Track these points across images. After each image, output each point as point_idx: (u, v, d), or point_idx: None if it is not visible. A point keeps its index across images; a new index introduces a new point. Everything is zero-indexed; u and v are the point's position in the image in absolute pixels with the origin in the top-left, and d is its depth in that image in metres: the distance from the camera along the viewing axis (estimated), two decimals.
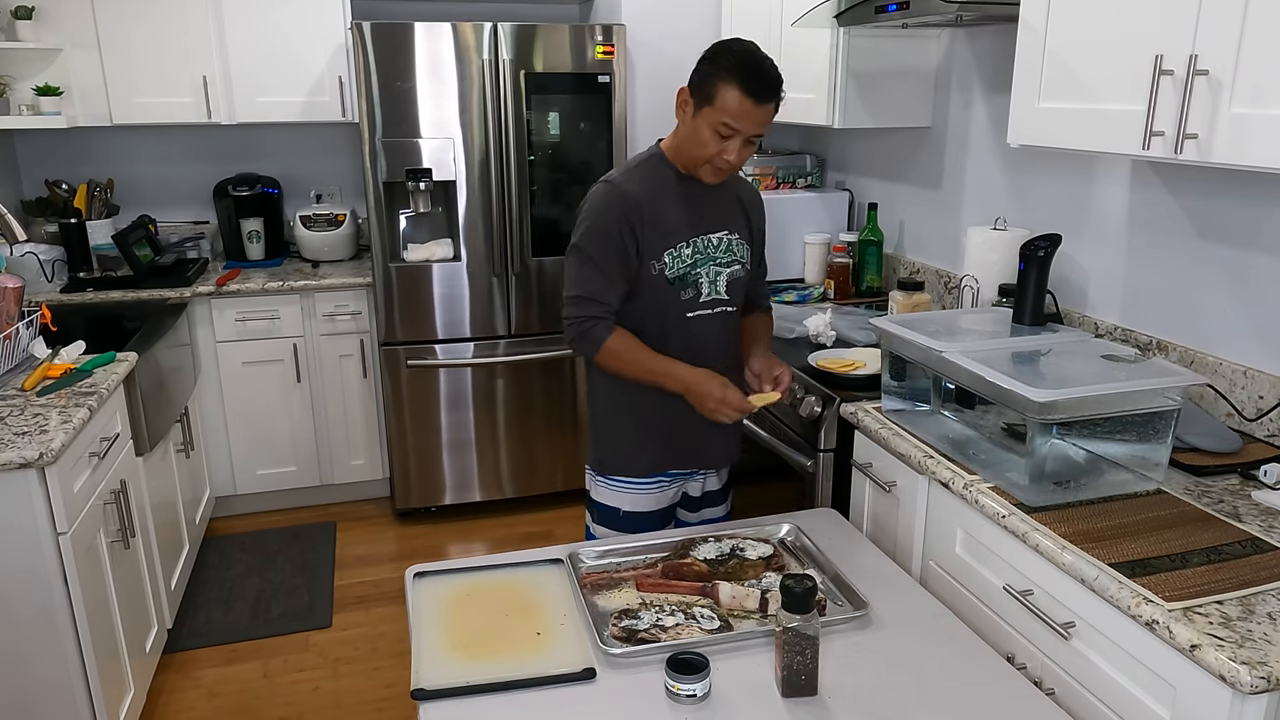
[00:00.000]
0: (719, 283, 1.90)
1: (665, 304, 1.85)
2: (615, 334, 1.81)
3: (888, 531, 1.97)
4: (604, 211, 1.80)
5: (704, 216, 1.88)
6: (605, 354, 1.81)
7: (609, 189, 1.82)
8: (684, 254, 1.85)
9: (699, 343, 1.89)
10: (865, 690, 1.31)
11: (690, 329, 1.88)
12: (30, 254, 3.33)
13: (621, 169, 1.88)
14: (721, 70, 1.70)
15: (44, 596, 2.01)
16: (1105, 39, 1.67)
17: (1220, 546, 1.41)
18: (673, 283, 1.84)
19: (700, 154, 1.77)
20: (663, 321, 1.86)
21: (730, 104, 1.69)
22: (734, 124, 1.71)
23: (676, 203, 1.84)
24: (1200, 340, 1.97)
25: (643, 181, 1.83)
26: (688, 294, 1.86)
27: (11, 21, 3.21)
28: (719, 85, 1.70)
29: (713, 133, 1.73)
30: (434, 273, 3.40)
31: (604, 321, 1.81)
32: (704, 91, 1.73)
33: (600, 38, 3.33)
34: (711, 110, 1.71)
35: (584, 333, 1.81)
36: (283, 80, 3.52)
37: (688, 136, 1.79)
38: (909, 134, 2.99)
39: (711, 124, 1.72)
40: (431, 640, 1.42)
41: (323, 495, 3.77)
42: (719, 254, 1.89)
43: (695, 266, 1.86)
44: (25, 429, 2.00)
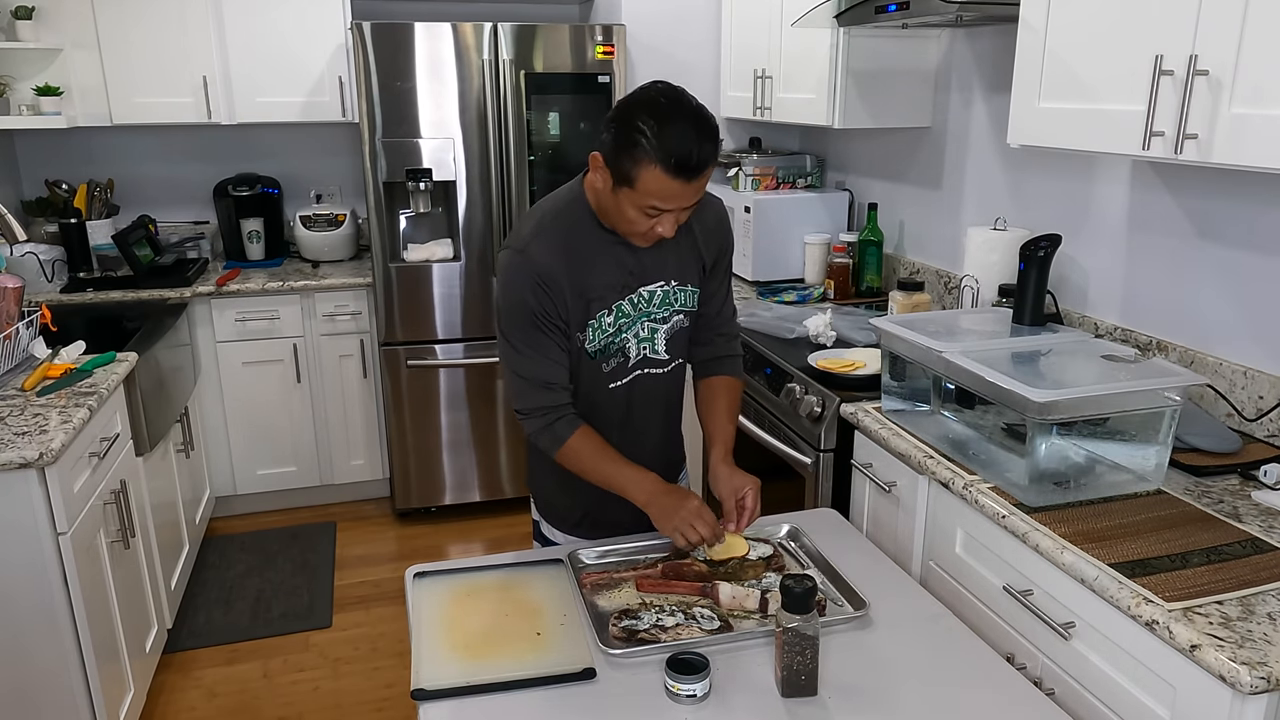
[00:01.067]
0: (656, 340, 1.68)
1: (589, 375, 1.65)
2: (578, 433, 1.60)
3: (888, 531, 1.97)
4: (516, 288, 1.55)
5: (633, 271, 1.61)
6: (565, 455, 1.61)
7: (515, 259, 1.55)
8: (605, 323, 1.61)
9: (628, 408, 1.71)
10: (865, 690, 1.31)
11: (616, 397, 1.69)
12: (30, 254, 3.33)
13: (534, 224, 1.58)
14: (640, 150, 1.41)
15: (44, 596, 2.01)
16: (1105, 39, 1.67)
17: (1220, 547, 1.41)
18: (593, 355, 1.63)
19: (628, 229, 1.53)
20: (588, 391, 1.67)
21: (654, 187, 1.43)
22: (662, 205, 1.46)
23: (600, 262, 1.59)
24: (1200, 340, 1.97)
25: (559, 243, 1.56)
26: (611, 364, 1.66)
27: (11, 21, 3.21)
28: (638, 168, 1.42)
29: (639, 212, 1.47)
30: (434, 273, 3.40)
31: (564, 417, 1.61)
32: (620, 171, 1.44)
33: (600, 38, 3.33)
34: (633, 193, 1.45)
35: (543, 429, 1.61)
36: (283, 80, 3.52)
37: (608, 209, 1.53)
38: (909, 134, 2.99)
39: (636, 205, 1.46)
40: (431, 640, 1.41)
41: (323, 495, 3.77)
42: (655, 309, 1.65)
43: (620, 333, 1.64)
44: (25, 429, 2.00)
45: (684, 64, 3.62)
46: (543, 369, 1.59)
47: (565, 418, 1.61)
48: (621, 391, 1.69)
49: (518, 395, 1.62)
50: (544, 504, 1.85)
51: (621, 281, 1.61)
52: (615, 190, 1.48)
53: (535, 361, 1.58)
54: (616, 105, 1.50)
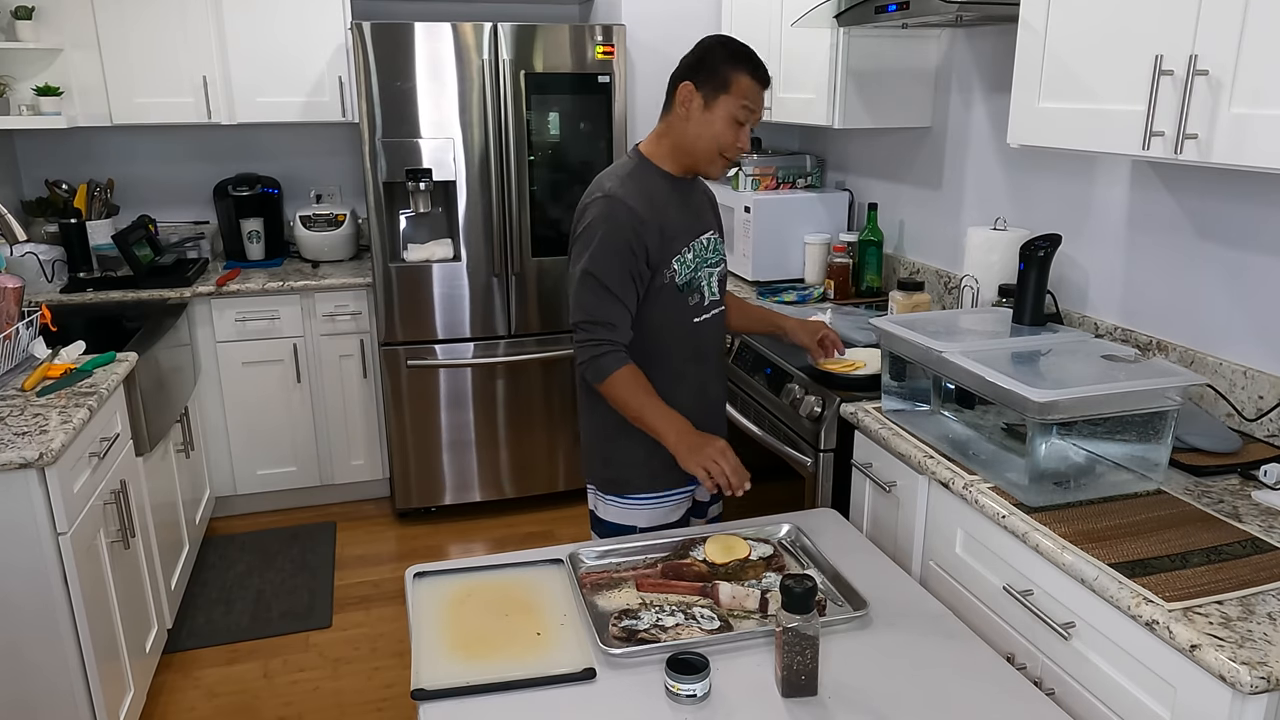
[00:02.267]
0: (713, 284, 1.91)
1: (676, 311, 1.85)
2: (624, 369, 1.78)
3: (888, 531, 1.97)
4: (611, 228, 1.76)
5: (694, 219, 1.88)
6: (610, 385, 1.78)
7: (611, 204, 1.77)
8: (688, 259, 1.85)
9: (705, 347, 1.91)
10: (865, 690, 1.31)
11: (699, 334, 1.89)
12: (30, 254, 3.34)
13: (613, 179, 1.82)
14: (728, 59, 1.74)
15: (44, 597, 2.01)
16: (1105, 39, 1.67)
17: (1220, 546, 1.41)
18: (681, 289, 1.84)
19: (715, 146, 1.78)
20: (674, 330, 1.86)
21: (745, 88, 1.75)
22: (751, 105, 1.76)
23: (673, 208, 1.83)
24: (1200, 340, 1.97)
25: (640, 191, 1.80)
26: (694, 299, 1.87)
27: (11, 21, 3.21)
28: (732, 73, 1.74)
29: (729, 121, 1.76)
30: (434, 273, 3.40)
31: (616, 352, 1.78)
32: (718, 80, 1.75)
33: (600, 38, 3.33)
34: (729, 98, 1.75)
35: (594, 358, 1.78)
36: (283, 80, 3.52)
37: (699, 132, 1.78)
38: (909, 134, 2.99)
39: (730, 111, 1.76)
40: (431, 640, 1.42)
41: (323, 495, 3.77)
42: (709, 254, 1.90)
43: (697, 270, 1.86)
44: (25, 429, 2.00)
45: None
46: (614, 311, 1.77)
47: (615, 353, 1.78)
48: (703, 326, 1.90)
49: (583, 328, 1.79)
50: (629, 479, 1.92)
51: (690, 225, 1.86)
52: (708, 106, 1.76)
53: (609, 303, 1.76)
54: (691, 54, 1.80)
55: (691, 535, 1.71)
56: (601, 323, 1.77)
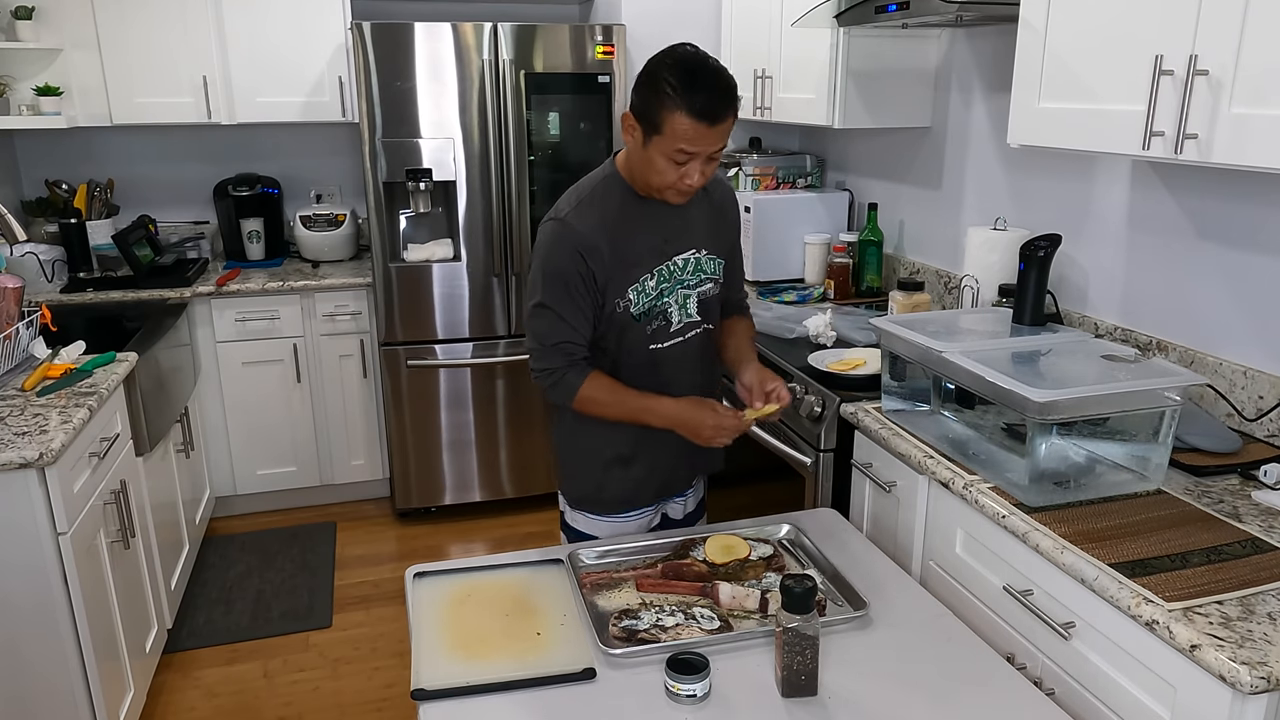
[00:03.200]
0: (689, 306, 1.78)
1: (632, 340, 1.74)
2: (589, 379, 1.69)
3: (888, 531, 1.97)
4: (556, 255, 1.65)
5: (668, 239, 1.73)
6: (582, 401, 1.70)
7: (558, 229, 1.66)
8: (648, 287, 1.71)
9: (670, 373, 1.78)
10: (865, 690, 1.31)
11: (659, 360, 1.77)
12: (30, 254, 3.34)
13: (573, 198, 1.70)
14: (664, 95, 1.52)
15: (44, 597, 2.01)
16: (1105, 39, 1.67)
17: (1220, 546, 1.41)
18: (638, 319, 1.72)
19: (659, 182, 1.62)
20: (630, 357, 1.75)
21: (681, 130, 1.53)
22: (689, 149, 1.55)
23: (638, 230, 1.69)
24: (1200, 340, 1.97)
25: (597, 213, 1.67)
26: (654, 325, 1.74)
27: (11, 21, 3.21)
28: (664, 112, 1.53)
29: (668, 161, 1.57)
30: (434, 273, 3.40)
31: (575, 367, 1.69)
32: (649, 120, 1.56)
33: (600, 38, 3.33)
34: (661, 139, 1.55)
35: (555, 383, 1.70)
36: (283, 80, 3.52)
37: (641, 164, 1.63)
38: (909, 134, 2.99)
39: (664, 153, 1.57)
40: (431, 640, 1.42)
41: (323, 495, 3.77)
42: (687, 276, 1.76)
43: (662, 297, 1.73)
44: (25, 429, 2.00)
45: None
46: (563, 332, 1.68)
47: (576, 367, 1.70)
48: (664, 352, 1.78)
49: (537, 356, 1.71)
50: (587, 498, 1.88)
51: (659, 249, 1.72)
52: (646, 143, 1.59)
53: (559, 326, 1.67)
54: (644, 67, 1.59)
55: (692, 535, 1.71)
56: (553, 348, 1.69)
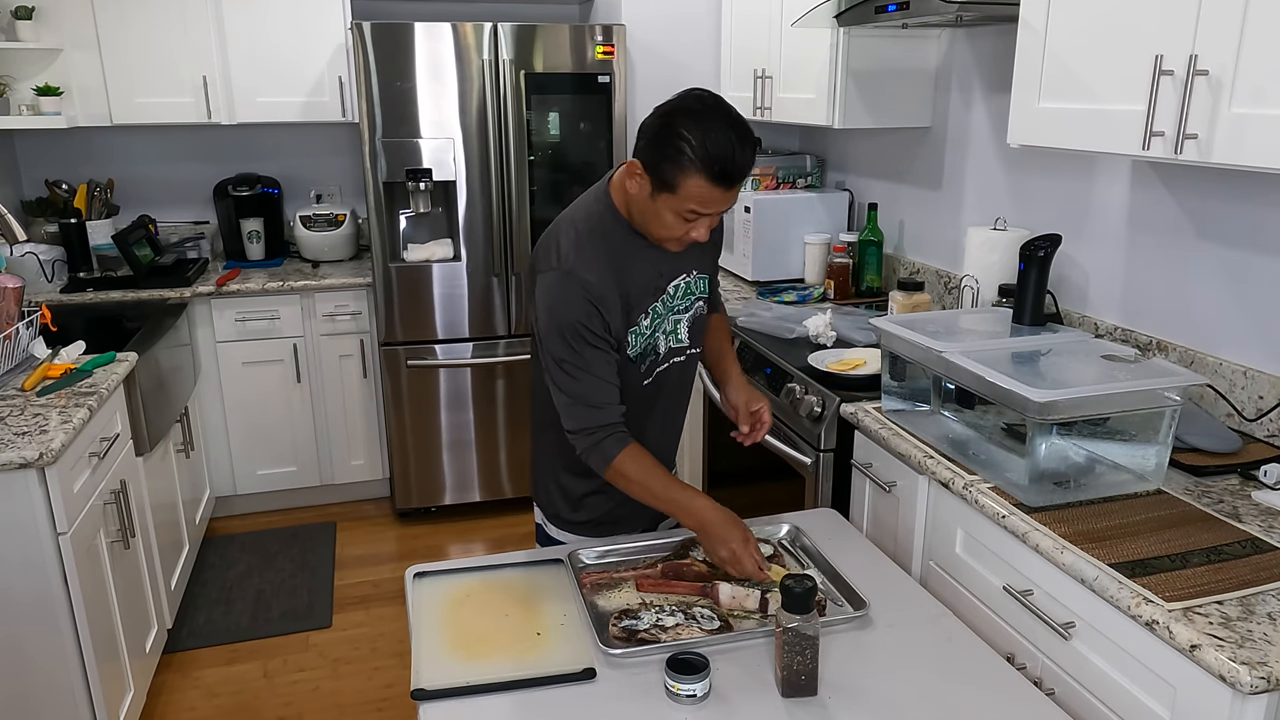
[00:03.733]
0: (679, 331, 1.72)
1: (626, 381, 1.67)
2: (626, 451, 1.59)
3: (888, 531, 1.97)
4: (568, 309, 1.55)
5: (663, 271, 1.66)
6: (615, 472, 1.60)
7: (568, 282, 1.56)
8: (643, 327, 1.65)
9: (657, 401, 1.75)
10: (865, 690, 1.31)
11: (646, 392, 1.72)
12: (30, 254, 3.33)
13: (571, 239, 1.59)
14: (681, 155, 1.44)
15: (44, 596, 2.01)
16: (1105, 39, 1.67)
17: (1220, 546, 1.41)
18: (634, 360, 1.67)
19: (662, 234, 1.56)
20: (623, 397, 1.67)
21: (696, 193, 1.46)
22: (701, 210, 1.49)
23: (636, 269, 1.62)
24: (1200, 340, 1.97)
25: (600, 257, 1.58)
26: (645, 364, 1.70)
27: (11, 21, 3.21)
28: (680, 174, 1.45)
29: (676, 217, 1.51)
30: (434, 273, 3.40)
31: (614, 435, 1.59)
32: (663, 178, 1.47)
33: (600, 38, 3.33)
34: (673, 198, 1.48)
35: (594, 445, 1.60)
36: (283, 80, 3.52)
37: (645, 215, 1.55)
38: (909, 134, 2.99)
39: (674, 210, 1.50)
40: (431, 640, 1.41)
41: (323, 495, 3.77)
42: (678, 302, 1.70)
43: (654, 334, 1.68)
44: (25, 429, 2.00)
45: (684, 64, 3.63)
46: (591, 388, 1.58)
47: (614, 435, 1.59)
48: (651, 386, 1.72)
49: (567, 416, 1.61)
50: (562, 517, 1.83)
51: (654, 284, 1.65)
52: (654, 196, 1.50)
53: (585, 381, 1.58)
54: (655, 113, 1.50)
55: (692, 535, 1.71)
56: (584, 403, 1.59)
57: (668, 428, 1.83)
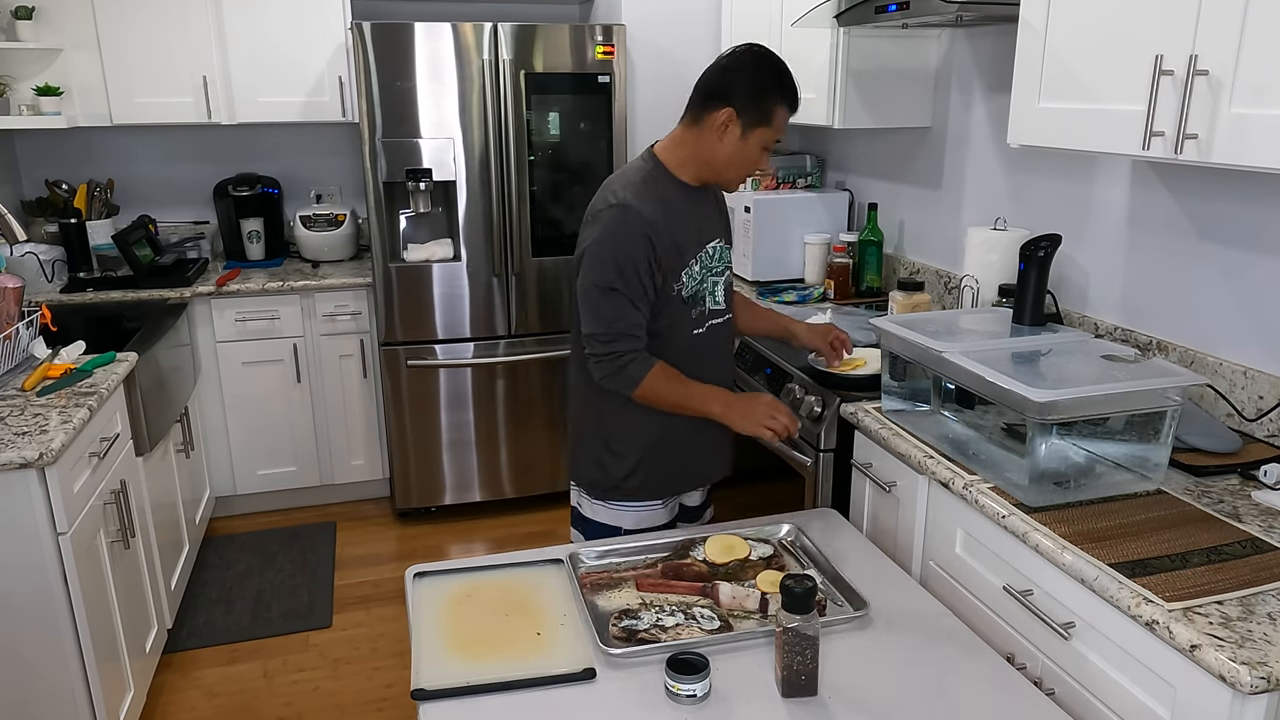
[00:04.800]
0: (717, 293, 1.89)
1: (680, 323, 1.82)
2: (653, 371, 1.75)
3: (888, 531, 1.97)
4: (625, 239, 1.71)
5: (702, 228, 1.85)
6: (644, 390, 1.76)
7: (626, 214, 1.72)
8: (694, 270, 1.82)
9: (708, 356, 1.88)
10: (865, 690, 1.31)
11: (700, 344, 1.86)
12: (30, 254, 3.34)
13: (626, 186, 1.76)
14: (773, 91, 1.72)
15: (44, 597, 2.01)
16: (1105, 39, 1.67)
17: (1220, 546, 1.41)
18: (687, 301, 1.82)
19: (744, 171, 1.79)
20: (676, 342, 1.83)
21: (783, 120, 1.74)
22: (780, 137, 1.77)
23: (684, 218, 1.80)
24: (1200, 340, 1.97)
25: (654, 200, 1.76)
26: (698, 310, 1.84)
27: (11, 21, 3.21)
28: (774, 107, 1.72)
29: (761, 150, 1.76)
30: (434, 273, 3.40)
31: (639, 357, 1.75)
32: (760, 112, 1.72)
33: (600, 38, 3.33)
34: (767, 130, 1.73)
35: (619, 369, 1.75)
36: (283, 80, 3.52)
37: (733, 158, 1.76)
38: (909, 134, 2.99)
39: (764, 142, 1.75)
40: (431, 640, 1.42)
41: (323, 495, 3.77)
42: (715, 263, 1.88)
43: (703, 282, 1.84)
44: (25, 429, 2.00)
45: (684, 64, 3.62)
46: (630, 318, 1.73)
47: (639, 357, 1.75)
48: (702, 338, 1.87)
49: (602, 341, 1.75)
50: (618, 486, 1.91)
51: (698, 237, 1.83)
52: (747, 135, 1.73)
53: (626, 310, 1.73)
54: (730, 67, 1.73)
55: (692, 535, 1.71)
56: (621, 334, 1.74)
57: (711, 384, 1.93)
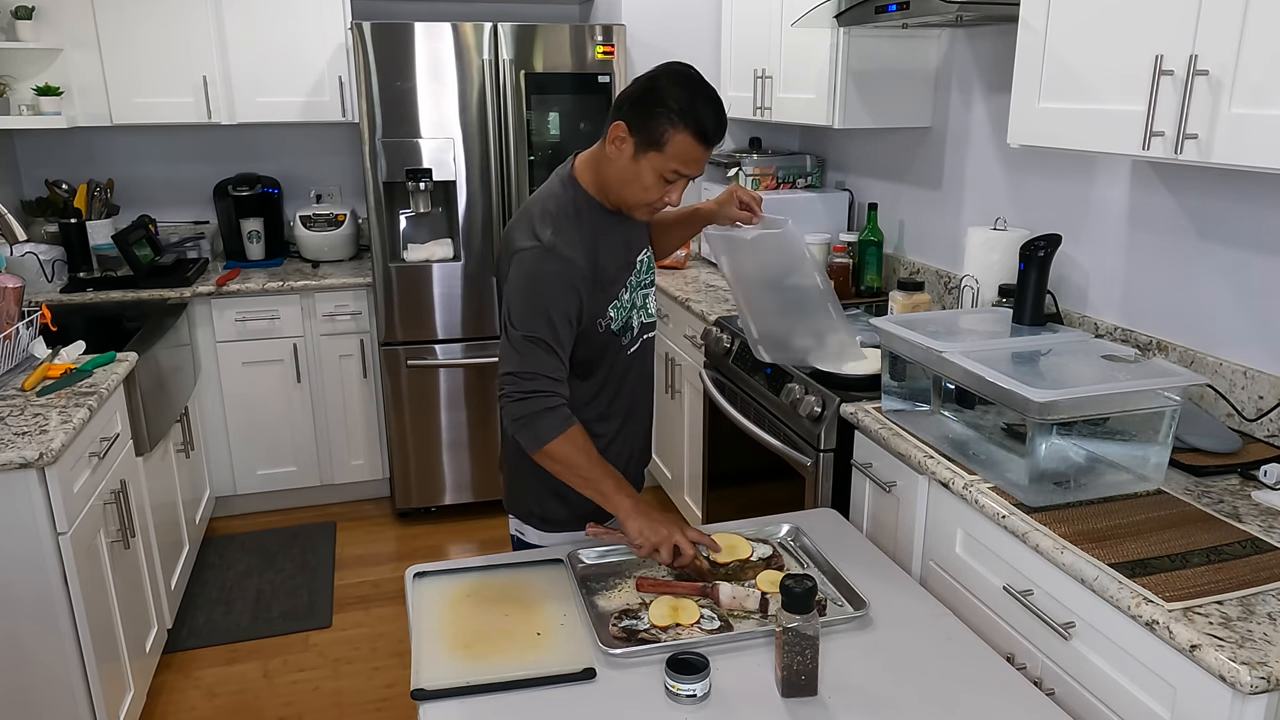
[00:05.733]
0: (648, 306, 1.78)
1: (610, 353, 1.71)
2: (565, 435, 1.57)
3: (888, 531, 1.97)
4: (551, 288, 1.57)
5: (630, 244, 1.71)
6: (548, 454, 1.58)
7: (549, 261, 1.57)
8: (624, 300, 1.69)
9: (636, 375, 1.78)
10: (865, 690, 1.31)
11: (630, 366, 1.76)
12: (30, 254, 3.34)
13: (547, 220, 1.60)
14: (673, 114, 1.49)
15: (44, 596, 2.01)
16: (1105, 39, 1.67)
17: (1220, 546, 1.41)
18: (617, 333, 1.70)
19: (640, 198, 1.59)
20: (606, 369, 1.72)
21: (682, 150, 1.51)
22: (684, 170, 1.54)
23: (609, 247, 1.65)
24: (1200, 340, 1.97)
25: (577, 236, 1.60)
26: (626, 337, 1.73)
27: (11, 21, 3.21)
28: (670, 131, 1.50)
29: (657, 178, 1.55)
30: (434, 273, 3.40)
31: (556, 411, 1.57)
32: (650, 135, 1.51)
33: (600, 38, 3.33)
34: (660, 157, 1.52)
35: (532, 416, 1.56)
36: (283, 80, 3.52)
37: (624, 179, 1.58)
38: (909, 134, 2.99)
39: (657, 169, 1.54)
40: (431, 640, 1.42)
41: (323, 495, 3.77)
42: (646, 275, 1.76)
43: (632, 308, 1.72)
44: (25, 429, 2.00)
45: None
46: (553, 365, 1.58)
47: (557, 412, 1.57)
48: (635, 357, 1.78)
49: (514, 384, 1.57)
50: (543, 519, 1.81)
51: (626, 259, 1.70)
52: (638, 157, 1.54)
53: (547, 357, 1.57)
54: (637, 82, 1.55)
55: None
56: (537, 374, 1.57)
57: (646, 403, 1.87)
